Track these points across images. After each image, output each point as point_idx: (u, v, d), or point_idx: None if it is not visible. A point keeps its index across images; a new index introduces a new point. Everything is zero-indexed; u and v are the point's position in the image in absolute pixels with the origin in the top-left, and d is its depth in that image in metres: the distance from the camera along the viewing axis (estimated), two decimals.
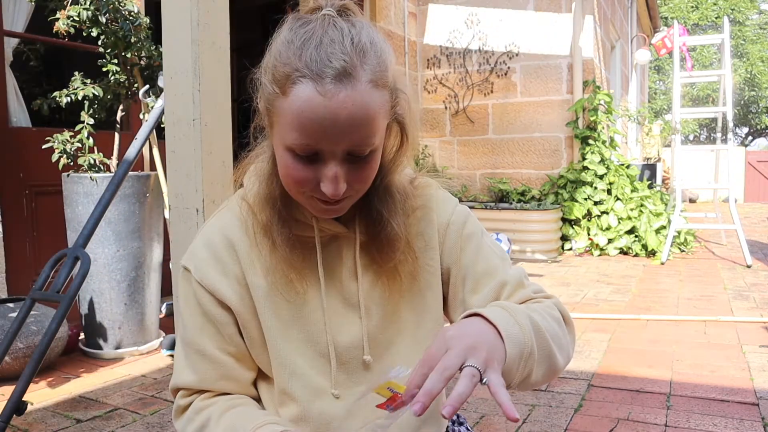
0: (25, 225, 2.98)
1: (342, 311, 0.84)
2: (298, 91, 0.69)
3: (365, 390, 0.84)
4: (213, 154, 1.75)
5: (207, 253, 0.83)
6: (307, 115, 0.69)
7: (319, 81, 0.68)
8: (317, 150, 0.71)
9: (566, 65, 5.58)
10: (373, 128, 0.71)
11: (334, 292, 0.84)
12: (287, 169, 0.74)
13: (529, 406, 2.07)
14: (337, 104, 0.68)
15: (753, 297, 3.69)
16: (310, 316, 0.83)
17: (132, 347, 2.66)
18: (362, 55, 0.70)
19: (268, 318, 0.83)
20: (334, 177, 0.72)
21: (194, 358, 0.83)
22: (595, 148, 5.48)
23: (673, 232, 5.04)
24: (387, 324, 0.85)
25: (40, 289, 1.95)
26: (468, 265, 0.87)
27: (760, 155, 14.24)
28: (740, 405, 2.05)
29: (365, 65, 0.70)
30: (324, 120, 0.68)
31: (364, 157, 0.73)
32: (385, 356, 0.85)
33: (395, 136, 0.82)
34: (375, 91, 0.71)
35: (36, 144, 2.75)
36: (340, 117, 0.68)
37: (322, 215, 0.79)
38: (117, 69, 2.64)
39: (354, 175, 0.74)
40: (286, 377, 0.84)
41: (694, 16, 20.70)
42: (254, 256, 0.83)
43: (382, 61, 0.73)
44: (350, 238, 0.84)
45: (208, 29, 1.73)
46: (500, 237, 5.15)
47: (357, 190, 0.76)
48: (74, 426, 1.95)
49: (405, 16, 5.83)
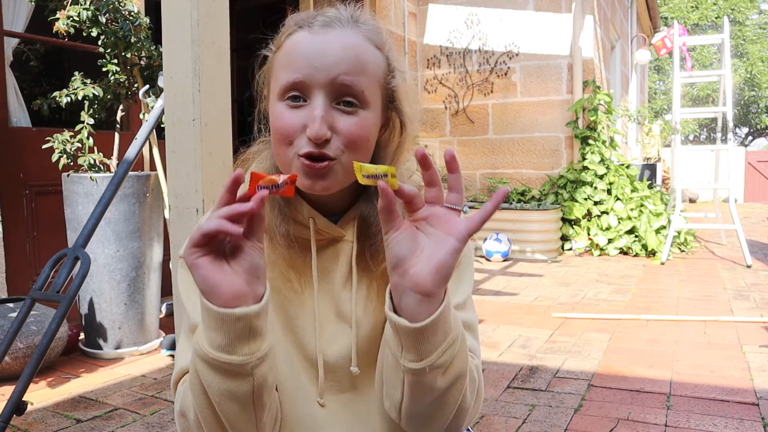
0: (25, 225, 2.98)
1: (333, 319, 0.82)
2: (291, 39, 0.73)
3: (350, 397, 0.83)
4: (213, 154, 1.75)
5: None
6: (296, 50, 0.72)
7: (309, 27, 0.73)
8: (305, 88, 0.72)
9: (566, 65, 5.58)
10: (361, 69, 0.72)
11: (327, 298, 0.82)
12: (278, 121, 0.74)
13: (529, 406, 2.07)
14: (325, 39, 0.72)
15: (753, 297, 3.69)
16: (302, 319, 0.82)
17: (132, 347, 2.66)
18: (358, 21, 0.75)
19: None
20: (318, 115, 0.70)
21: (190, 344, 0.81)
22: (595, 148, 5.48)
23: (673, 232, 5.04)
24: (376, 334, 0.82)
25: (40, 289, 1.95)
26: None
27: (760, 155, 14.24)
28: (740, 405, 2.05)
29: (360, 25, 0.74)
30: (310, 50, 0.71)
31: (352, 109, 0.72)
32: (371, 367, 0.83)
33: (394, 129, 0.81)
34: (368, 44, 0.74)
35: (36, 144, 2.75)
36: (327, 48, 0.71)
37: (307, 185, 0.74)
38: (117, 69, 2.64)
39: (342, 127, 0.72)
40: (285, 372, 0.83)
41: (693, 16, 20.71)
42: None
43: (380, 32, 0.76)
44: (348, 243, 0.82)
45: (208, 29, 1.73)
46: (500, 237, 5.15)
47: (343, 151, 0.72)
48: (74, 426, 1.94)
49: (405, 16, 5.83)
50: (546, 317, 3.28)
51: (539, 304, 3.60)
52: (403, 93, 0.79)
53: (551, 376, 2.37)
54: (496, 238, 5.15)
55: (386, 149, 0.82)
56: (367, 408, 0.84)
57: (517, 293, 3.90)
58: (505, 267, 4.90)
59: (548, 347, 2.74)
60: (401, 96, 0.79)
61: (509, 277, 4.46)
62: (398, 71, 0.78)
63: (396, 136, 0.82)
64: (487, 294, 3.90)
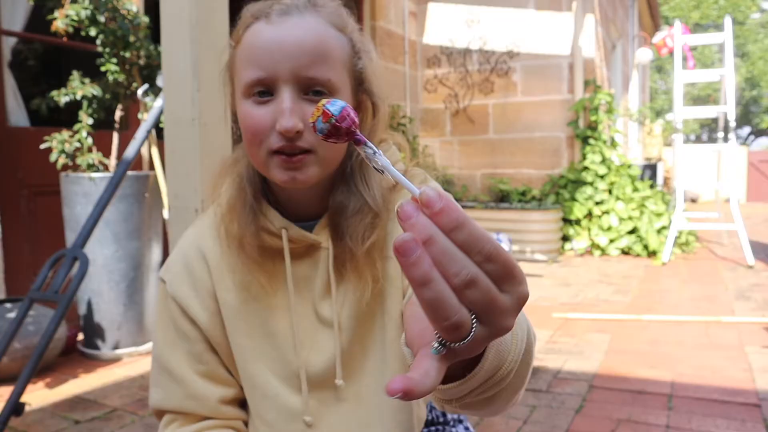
0: (24, 225, 2.97)
1: (312, 330, 0.79)
2: (249, 32, 0.71)
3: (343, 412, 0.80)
4: (212, 154, 1.74)
5: (181, 266, 0.81)
6: (255, 45, 0.70)
7: (266, 17, 0.70)
8: (270, 83, 0.70)
9: (567, 65, 5.57)
10: (324, 57, 0.70)
11: (306, 308, 0.79)
12: (246, 120, 0.71)
13: (530, 407, 2.06)
14: (283, 30, 0.69)
15: (755, 297, 3.68)
16: (281, 333, 0.79)
17: (131, 348, 2.66)
18: (316, 5, 0.73)
19: (237, 337, 0.79)
20: (286, 108, 0.68)
21: (162, 376, 0.81)
22: (596, 147, 5.47)
23: (675, 233, 5.03)
24: (357, 340, 0.79)
25: (39, 290, 1.94)
26: None
27: (762, 155, 14.21)
28: (742, 406, 2.04)
29: (319, 10, 0.72)
30: (271, 44, 0.69)
31: (320, 97, 0.70)
32: (355, 377, 0.80)
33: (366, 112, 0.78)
34: (330, 28, 0.72)
35: (34, 144, 2.74)
36: (286, 40, 0.69)
37: (285, 180, 0.71)
38: (116, 68, 2.63)
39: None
40: (258, 399, 0.80)
41: (695, 15, 20.68)
42: (225, 268, 0.79)
43: (340, 13, 0.74)
44: (324, 249, 0.79)
45: (207, 29, 1.72)
46: (501, 237, 5.14)
47: (318, 143, 0.70)
48: (73, 427, 1.94)
49: (405, 16, 5.81)
50: (546, 318, 3.27)
51: (540, 305, 3.59)
52: (371, 73, 0.76)
53: (552, 376, 2.36)
54: (497, 238, 5.13)
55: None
56: (367, 420, 0.80)
57: None
58: None
59: (549, 348, 2.73)
60: (369, 77, 0.76)
61: None
62: (364, 52, 0.76)
63: (369, 119, 0.78)
64: None
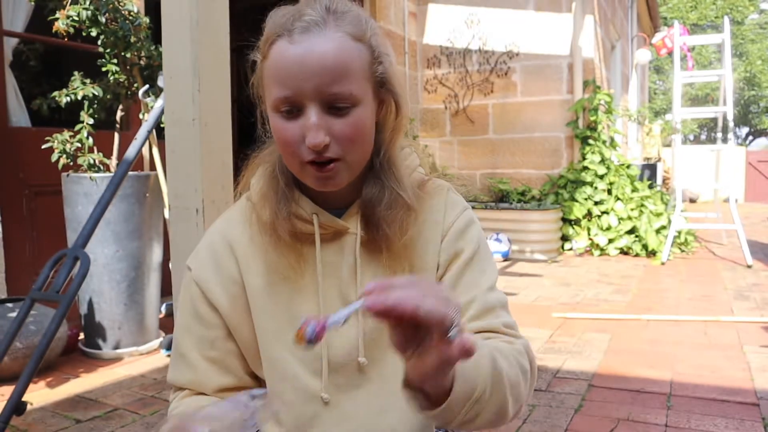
0: (25, 225, 2.98)
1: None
2: (274, 49, 0.73)
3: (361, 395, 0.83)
4: (213, 154, 1.75)
5: (207, 253, 0.86)
6: (280, 65, 0.72)
7: (289, 35, 0.72)
8: (296, 101, 0.73)
9: (566, 65, 5.58)
10: (345, 73, 0.72)
11: (333, 290, 0.83)
12: (278, 133, 0.76)
13: (529, 407, 2.07)
14: (304, 48, 0.71)
15: (753, 297, 3.69)
16: (307, 312, 0.82)
17: (132, 347, 2.66)
18: (335, 14, 0.74)
19: (263, 320, 0.83)
20: (313, 124, 0.72)
21: (175, 356, 0.87)
22: (596, 147, 5.48)
23: (674, 232, 5.04)
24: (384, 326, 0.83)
25: (40, 290, 1.94)
26: (454, 275, 0.84)
27: (760, 155, 14.23)
28: (741, 405, 2.05)
29: (338, 21, 0.73)
30: (294, 64, 0.71)
31: (344, 110, 0.73)
32: (381, 359, 0.83)
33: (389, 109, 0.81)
34: (349, 40, 0.73)
35: (35, 144, 2.74)
36: (307, 59, 0.71)
37: (319, 186, 0.77)
38: (116, 69, 2.64)
39: (337, 131, 0.73)
40: (276, 380, 0.84)
41: (693, 15, 20.70)
42: (253, 254, 0.83)
43: (359, 20, 0.75)
44: (352, 235, 0.83)
45: (208, 29, 1.72)
46: (500, 237, 5.15)
47: (345, 151, 0.75)
48: (74, 426, 1.94)
49: (405, 16, 5.82)
50: (546, 317, 3.28)
51: (539, 304, 3.60)
52: (392, 74, 0.79)
53: (551, 376, 2.37)
54: (496, 238, 5.14)
55: (383, 132, 0.82)
56: (384, 405, 0.83)
57: (517, 293, 3.90)
58: (505, 267, 4.90)
59: (548, 347, 2.74)
60: (390, 78, 0.79)
61: (509, 277, 4.46)
62: (383, 55, 0.78)
63: (392, 118, 0.82)
64: None
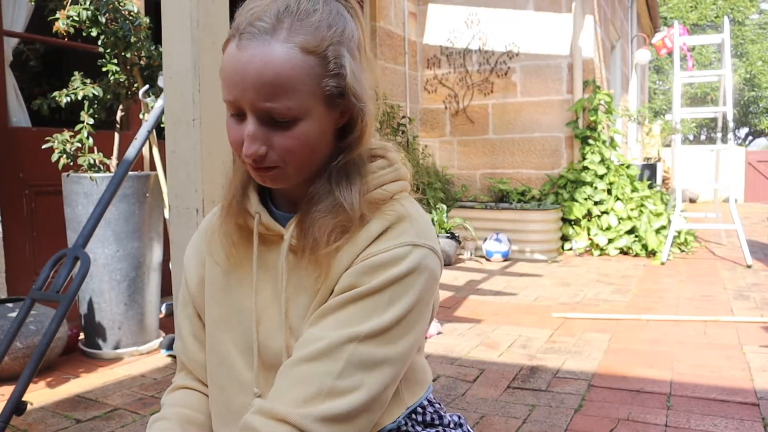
0: (25, 225, 2.98)
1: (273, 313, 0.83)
2: (227, 49, 0.73)
3: None
4: (213, 154, 1.75)
5: (197, 234, 0.94)
6: (227, 68, 0.72)
7: (239, 39, 0.71)
8: (239, 107, 0.73)
9: (566, 65, 5.58)
10: (284, 88, 0.70)
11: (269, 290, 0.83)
12: (227, 130, 0.77)
13: (529, 407, 2.07)
14: (246, 58, 0.70)
15: (753, 297, 3.69)
16: (246, 309, 0.84)
17: (132, 347, 2.66)
18: (293, 20, 0.71)
19: (211, 305, 0.87)
20: (248, 135, 0.73)
21: (177, 329, 0.96)
22: (595, 148, 5.48)
23: (674, 232, 5.04)
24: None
25: (40, 289, 1.94)
26: (332, 305, 0.75)
27: (760, 155, 14.25)
28: (740, 405, 2.05)
29: (292, 29, 0.70)
30: (235, 73, 0.71)
31: (285, 124, 0.72)
32: None
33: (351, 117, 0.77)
34: (297, 53, 0.70)
35: (36, 144, 2.74)
36: (247, 70, 0.70)
37: (263, 183, 0.79)
38: (117, 69, 2.64)
39: (277, 142, 0.73)
40: (214, 364, 0.87)
41: (693, 15, 20.70)
42: (218, 239, 0.87)
43: (319, 27, 0.71)
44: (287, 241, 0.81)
45: (208, 29, 1.73)
46: (500, 237, 5.15)
47: (285, 161, 0.74)
48: (74, 426, 1.94)
49: (405, 16, 5.82)
50: (546, 317, 3.28)
51: (539, 304, 3.60)
52: (352, 82, 0.74)
53: (551, 376, 2.37)
54: (496, 238, 5.15)
55: (348, 137, 0.78)
56: None
57: (517, 293, 3.90)
58: (504, 267, 4.90)
59: (548, 347, 2.74)
60: (350, 86, 0.74)
61: (509, 277, 4.46)
62: (341, 66, 0.73)
63: (358, 123, 0.77)
64: (487, 294, 3.90)
